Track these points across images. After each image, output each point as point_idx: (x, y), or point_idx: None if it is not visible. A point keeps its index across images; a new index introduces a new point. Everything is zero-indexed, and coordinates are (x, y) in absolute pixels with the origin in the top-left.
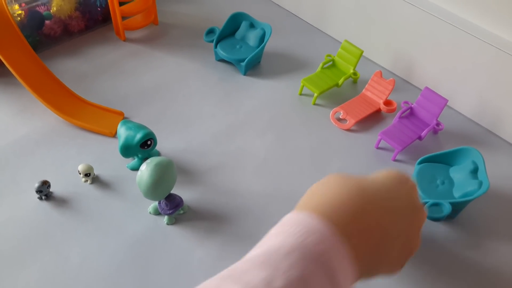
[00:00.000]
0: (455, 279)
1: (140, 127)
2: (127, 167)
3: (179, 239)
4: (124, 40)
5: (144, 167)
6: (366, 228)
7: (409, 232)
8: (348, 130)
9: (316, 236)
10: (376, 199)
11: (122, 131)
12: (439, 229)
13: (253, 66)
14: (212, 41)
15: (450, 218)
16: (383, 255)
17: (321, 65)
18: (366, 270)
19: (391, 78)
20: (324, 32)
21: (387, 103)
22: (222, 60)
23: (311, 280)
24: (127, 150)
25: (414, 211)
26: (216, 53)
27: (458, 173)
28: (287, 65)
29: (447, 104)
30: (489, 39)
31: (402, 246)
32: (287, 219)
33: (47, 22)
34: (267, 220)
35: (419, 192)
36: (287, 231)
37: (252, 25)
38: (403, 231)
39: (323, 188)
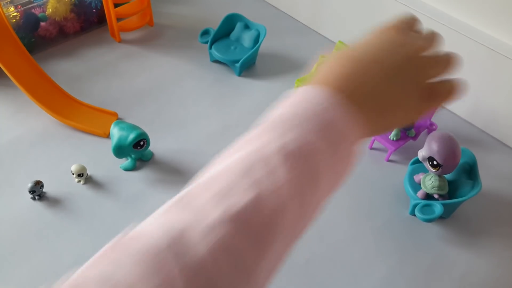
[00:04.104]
0: (447, 278)
1: (133, 127)
2: (120, 167)
3: None
4: (119, 42)
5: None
6: (366, 87)
7: (404, 66)
8: None
9: (322, 103)
10: (367, 59)
11: (115, 132)
12: (433, 229)
13: (247, 67)
14: (207, 42)
15: (443, 218)
16: (390, 104)
17: (315, 66)
18: (378, 124)
19: None
20: (318, 33)
21: None
22: (216, 61)
23: (314, 147)
24: (120, 151)
25: (397, 47)
26: (210, 54)
27: (451, 174)
28: (282, 66)
29: None
30: (482, 39)
31: (406, 85)
32: (291, 96)
33: (42, 24)
34: None
35: (407, 186)
36: (291, 103)
37: (246, 26)
38: (397, 68)
39: (323, 67)
